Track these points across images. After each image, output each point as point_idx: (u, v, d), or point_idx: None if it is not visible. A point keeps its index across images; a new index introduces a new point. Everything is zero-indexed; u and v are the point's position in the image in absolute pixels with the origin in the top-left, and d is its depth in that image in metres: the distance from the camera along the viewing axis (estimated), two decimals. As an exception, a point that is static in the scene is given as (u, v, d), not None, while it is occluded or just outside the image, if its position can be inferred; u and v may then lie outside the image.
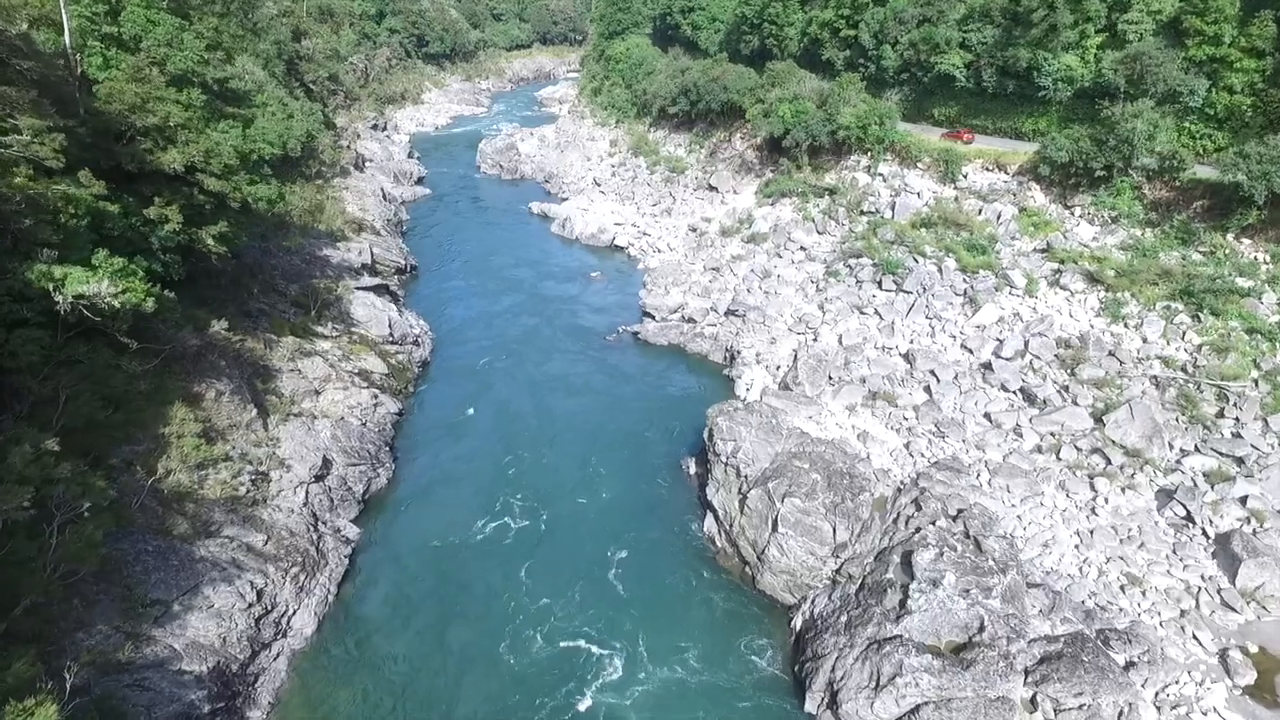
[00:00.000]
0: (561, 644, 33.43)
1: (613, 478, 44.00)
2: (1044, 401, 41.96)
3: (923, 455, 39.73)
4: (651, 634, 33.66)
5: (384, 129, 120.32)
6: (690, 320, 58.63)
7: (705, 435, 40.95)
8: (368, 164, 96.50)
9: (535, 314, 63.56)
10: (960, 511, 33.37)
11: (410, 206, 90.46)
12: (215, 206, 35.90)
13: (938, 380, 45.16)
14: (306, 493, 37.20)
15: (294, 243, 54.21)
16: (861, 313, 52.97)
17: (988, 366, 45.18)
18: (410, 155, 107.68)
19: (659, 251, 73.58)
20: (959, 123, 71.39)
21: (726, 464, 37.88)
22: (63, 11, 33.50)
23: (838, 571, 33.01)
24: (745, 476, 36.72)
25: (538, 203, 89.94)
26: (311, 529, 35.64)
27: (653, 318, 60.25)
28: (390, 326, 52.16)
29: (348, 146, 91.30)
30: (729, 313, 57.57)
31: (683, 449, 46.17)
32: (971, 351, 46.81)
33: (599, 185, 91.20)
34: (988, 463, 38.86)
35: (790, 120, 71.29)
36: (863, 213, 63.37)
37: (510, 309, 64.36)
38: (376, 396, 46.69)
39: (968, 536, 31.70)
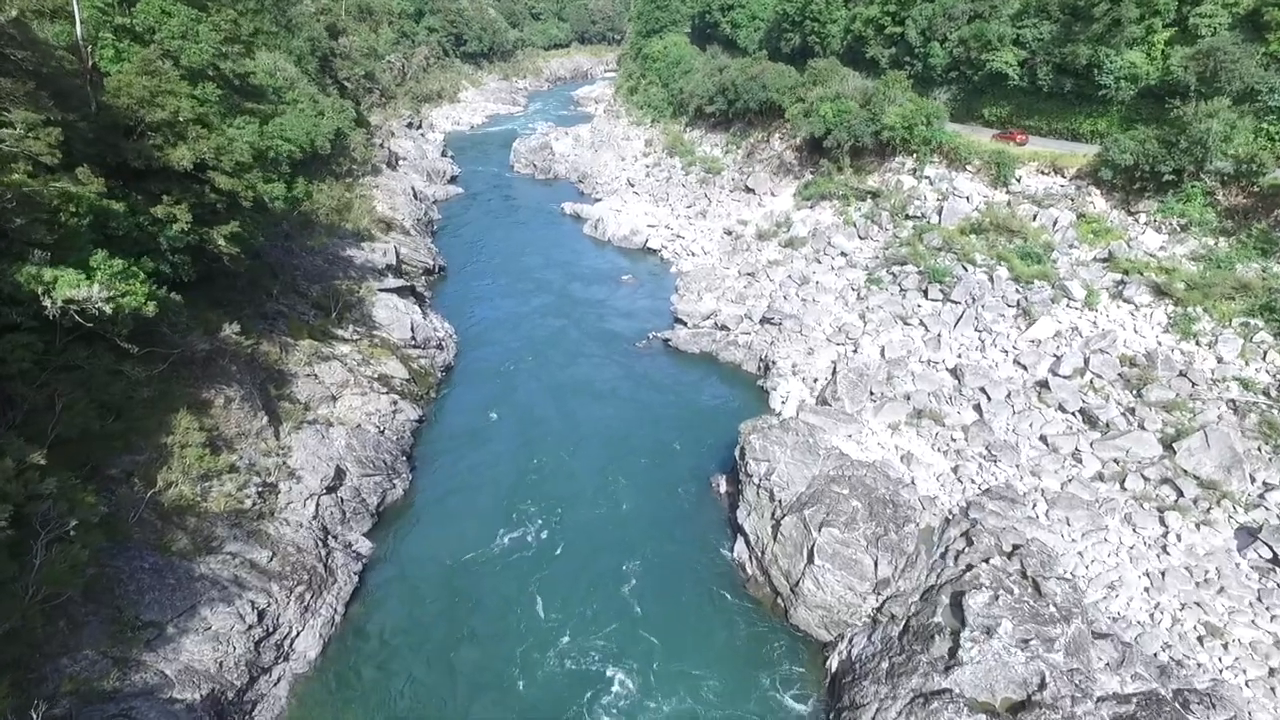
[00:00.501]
0: (574, 668, 31.21)
1: (637, 491, 41.58)
2: (1106, 425, 38.50)
3: (973, 481, 36.59)
4: (670, 660, 31.24)
5: (419, 127, 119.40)
6: (723, 328, 55.95)
7: (737, 453, 38.29)
8: (401, 162, 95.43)
9: (564, 317, 61.40)
10: (1016, 548, 30.27)
11: (442, 205, 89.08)
12: (227, 206, 34.19)
13: (988, 399, 41.90)
14: (317, 505, 35.38)
15: (318, 242, 52.74)
16: (905, 323, 49.78)
17: (1044, 385, 41.78)
18: (444, 154, 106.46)
19: (692, 255, 70.96)
20: (1011, 123, 67.60)
21: (759, 486, 35.19)
22: (74, 2, 32.06)
23: (879, 610, 30.14)
24: (779, 501, 33.99)
25: (570, 203, 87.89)
26: (320, 544, 33.76)
27: (684, 324, 57.67)
28: (413, 330, 50.35)
29: (380, 145, 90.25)
30: (764, 321, 54.75)
31: (712, 464, 43.55)
32: (1025, 368, 43.42)
33: (633, 186, 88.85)
34: (1044, 491, 35.60)
35: (832, 120, 68.18)
36: (907, 217, 60.05)
37: (538, 312, 62.29)
38: (396, 403, 44.83)
39: (1025, 577, 28.63)
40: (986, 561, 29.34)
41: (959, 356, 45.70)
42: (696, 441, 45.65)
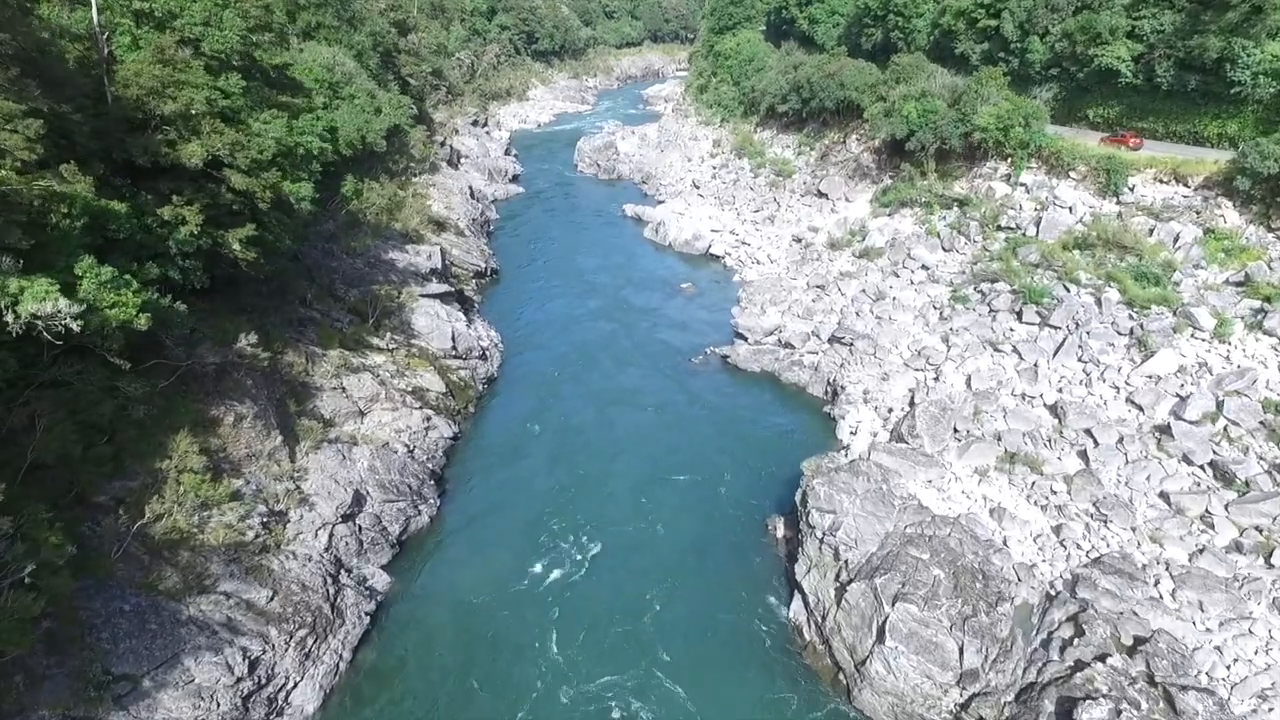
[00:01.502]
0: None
1: (682, 527, 37.10)
2: (1246, 484, 31.96)
3: (1078, 547, 30.66)
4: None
5: (485, 125, 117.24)
6: (788, 345, 50.76)
7: (798, 498, 33.32)
8: (463, 160, 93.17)
9: (617, 327, 57.23)
10: (1139, 642, 24.54)
11: (501, 205, 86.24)
12: (244, 207, 31.12)
13: (1095, 443, 35.71)
14: (330, 536, 32.05)
15: (361, 244, 49.90)
16: (996, 349, 43.67)
17: (1164, 430, 35.32)
18: (507, 152, 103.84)
19: (758, 263, 65.82)
20: (1121, 125, 60.08)
21: (823, 541, 30.17)
22: (89, -16, 29.45)
23: (964, 707, 24.82)
24: (845, 561, 28.93)
25: (632, 205, 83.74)
26: (329, 581, 30.34)
27: (745, 339, 52.70)
28: (454, 339, 46.94)
29: (443, 143, 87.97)
30: (834, 339, 49.33)
31: (768, 502, 38.63)
32: (1141, 409, 36.97)
33: (698, 188, 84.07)
34: (1169, 563, 29.45)
35: (916, 120, 61.93)
36: (999, 228, 53.57)
37: (590, 320, 58.29)
38: (429, 419, 41.43)
39: (1153, 684, 22.93)
40: (1103, 660, 23.71)
41: (1059, 391, 39.47)
42: (752, 473, 40.80)
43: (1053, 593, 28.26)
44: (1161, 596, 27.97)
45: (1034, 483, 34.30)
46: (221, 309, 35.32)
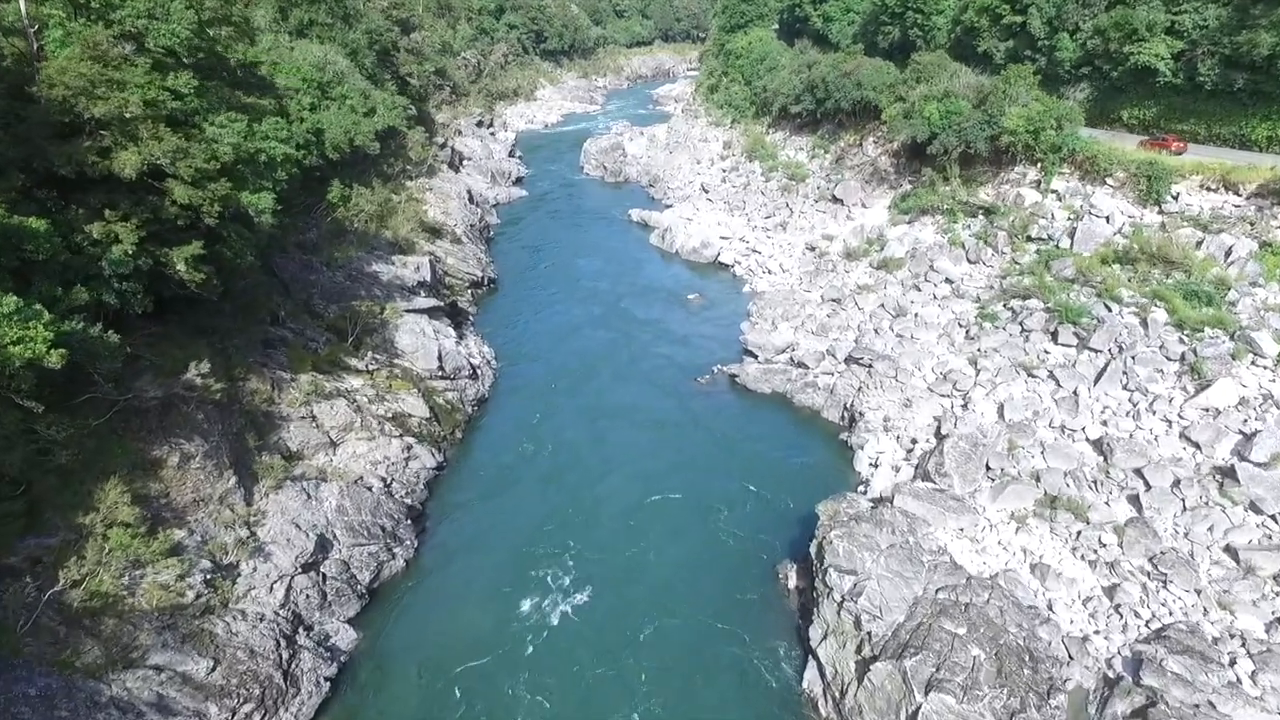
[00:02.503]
0: None
1: (685, 571, 33.16)
2: (1326, 540, 27.71)
3: (1136, 615, 26.46)
4: None
5: (490, 126, 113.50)
6: (801, 365, 46.64)
7: (813, 549, 29.31)
8: (466, 162, 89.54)
9: (618, 342, 53.29)
10: (1221, 747, 20.40)
11: (503, 209, 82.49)
12: (191, 222, 27.39)
13: (1147, 486, 31.48)
14: (288, 590, 28.32)
15: (344, 255, 46.20)
16: (1030, 374, 39.40)
17: (1227, 473, 31.05)
18: (512, 154, 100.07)
19: (769, 273, 61.68)
20: (1160, 127, 55.64)
21: (842, 606, 26.15)
22: (17, -29, 25.82)
23: (1011, 822, 20.78)
24: (869, 634, 24.90)
25: (638, 209, 79.73)
26: (284, 643, 26.59)
27: (755, 357, 48.62)
28: (440, 358, 43.15)
29: (443, 144, 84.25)
30: (850, 360, 45.18)
31: (780, 543, 34.62)
32: (1198, 446, 32.69)
33: (707, 192, 79.96)
34: (1244, 637, 25.26)
35: (939, 122, 57.59)
36: (1030, 239, 49.24)
37: (591, 335, 54.36)
38: (410, 448, 37.66)
39: (1243, 806, 18.80)
40: (1180, 773, 19.60)
41: (1104, 424, 35.20)
42: (761, 510, 36.80)
43: (1112, 675, 24.12)
44: (1240, 680, 23.78)
45: (1079, 533, 30.09)
46: (176, 332, 31.70)
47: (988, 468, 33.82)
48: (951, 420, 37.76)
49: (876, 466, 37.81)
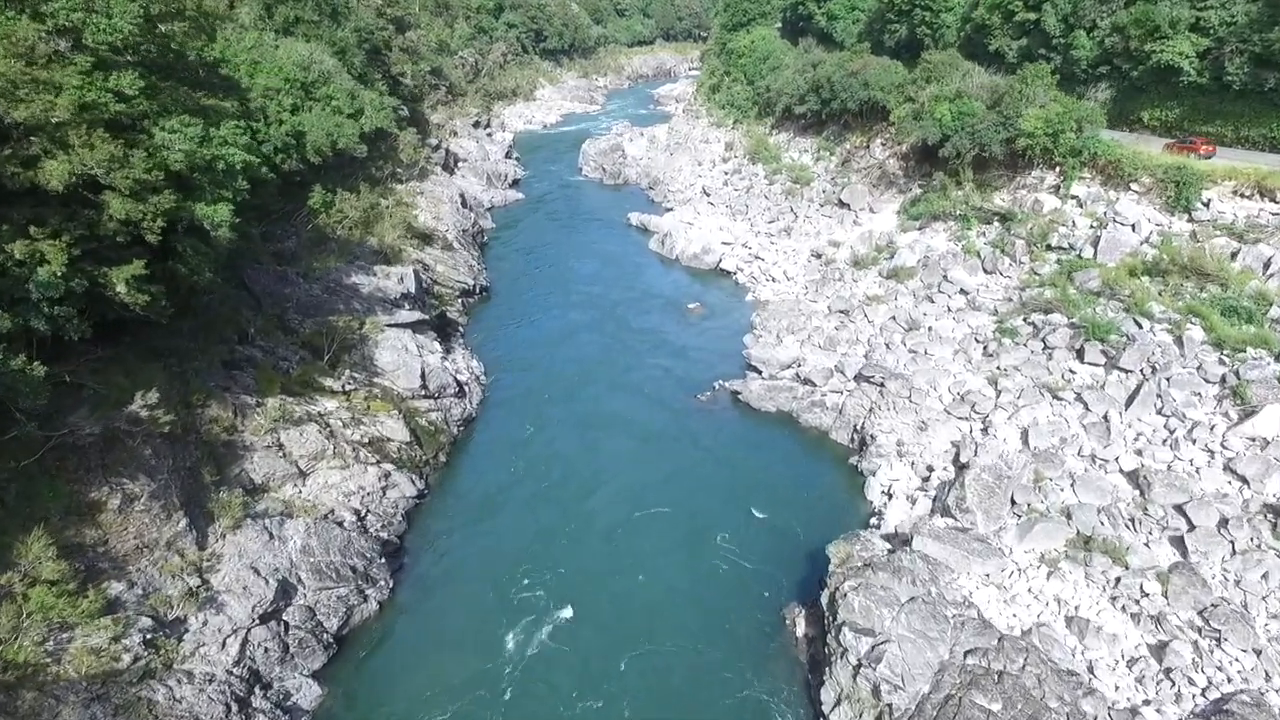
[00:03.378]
0: None
1: (683, 610, 30.39)
2: (1397, 593, 24.61)
3: (1190, 681, 23.38)
4: None
5: (487, 126, 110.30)
6: (808, 382, 43.55)
7: (825, 600, 26.27)
8: (461, 164, 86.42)
9: (615, 355, 50.23)
10: None
11: (499, 212, 79.35)
12: (132, 239, 24.37)
13: (1191, 526, 28.40)
14: (243, 644, 25.31)
15: (323, 265, 43.17)
16: (1055, 397, 36.27)
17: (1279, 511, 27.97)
18: (509, 155, 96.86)
19: (773, 281, 58.57)
20: (1182, 129, 52.41)
21: (858, 670, 23.10)
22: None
23: None
24: (889, 705, 21.85)
25: (637, 213, 76.61)
26: (236, 708, 23.59)
27: (759, 373, 45.54)
28: (424, 376, 40.12)
29: (437, 146, 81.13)
30: (861, 378, 42.07)
31: (785, 582, 31.62)
32: (1245, 480, 29.58)
33: (708, 195, 76.80)
34: (1311, 709, 22.18)
35: (951, 123, 54.41)
36: (1050, 248, 46.08)
37: (586, 348, 51.28)
38: (388, 476, 34.68)
39: None
40: None
41: (1139, 454, 32.07)
42: (767, 541, 33.79)
43: (1167, 758, 21.09)
44: (1312, 764, 20.73)
45: (1118, 579, 27.00)
46: (128, 356, 28.68)
47: (1013, 502, 30.73)
48: (971, 447, 34.65)
49: (890, 496, 34.76)
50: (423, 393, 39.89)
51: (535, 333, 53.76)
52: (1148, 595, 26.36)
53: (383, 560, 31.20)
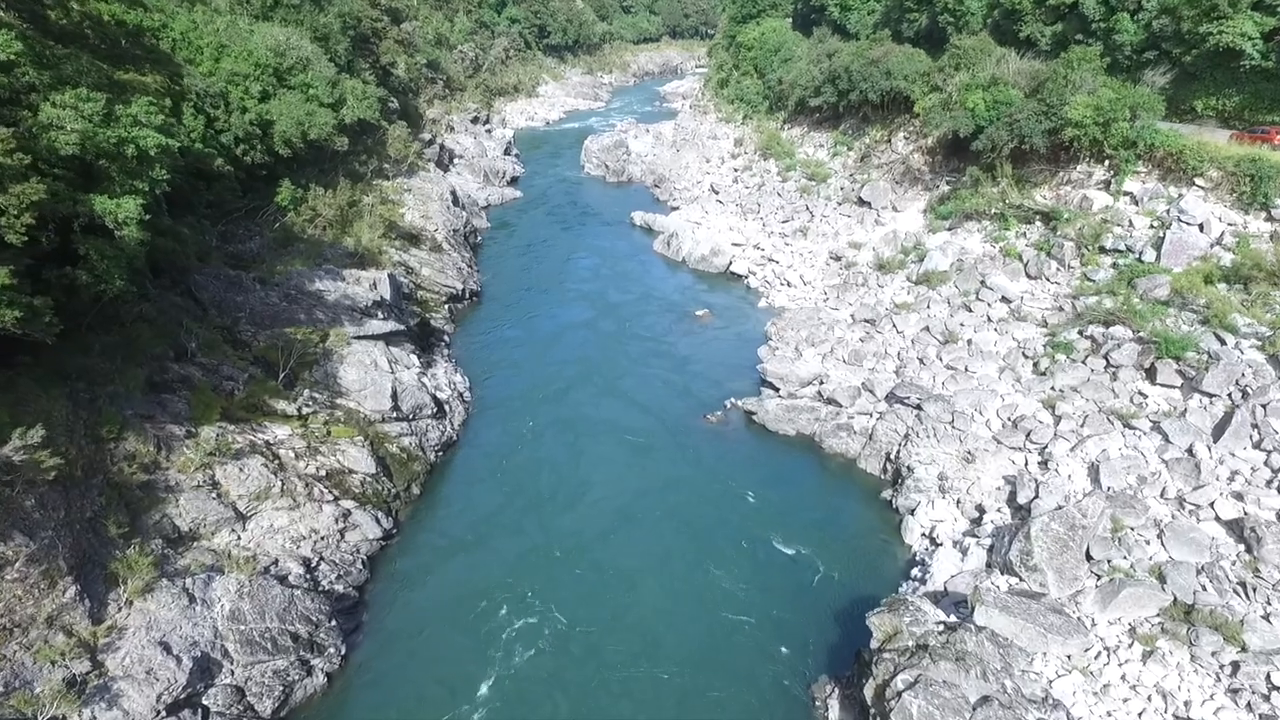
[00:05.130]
0: None
1: (691, 670, 25.14)
2: None
3: (1354, 817, 17.80)
4: None
5: (486, 122, 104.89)
6: (831, 401, 38.02)
7: (868, 694, 20.72)
8: (457, 160, 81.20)
9: (614, 369, 44.74)
10: None
11: (495, 212, 73.98)
12: (-3, 238, 19.01)
13: (1315, 592, 22.77)
14: (142, 745, 19.98)
15: (285, 269, 37.81)
16: (1127, 425, 30.62)
17: None
18: (508, 152, 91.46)
19: (788, 285, 53.03)
20: (1242, 118, 46.60)
21: (919, 800, 17.57)
22: None
23: None
24: None
25: (642, 212, 71.10)
26: (124, 834, 18.27)
27: (775, 390, 40.05)
28: (395, 395, 34.72)
29: (430, 141, 75.85)
30: (893, 398, 36.51)
31: (810, 648, 26.19)
32: (1377, 536, 23.92)
33: (716, 193, 71.23)
34: None
35: (985, 114, 48.82)
36: (1103, 250, 40.38)
37: (582, 360, 45.77)
38: (347, 515, 29.32)
39: None
40: None
41: (1240, 499, 26.42)
42: (789, 595, 28.32)
43: None
44: None
45: (1235, 665, 21.39)
46: (23, 381, 23.40)
47: (1088, 557, 25.13)
48: (1029, 485, 29.04)
49: (934, 542, 29.22)
50: (394, 415, 34.47)
51: (528, 343, 48.30)
52: (1274, 689, 20.73)
53: (333, 624, 25.75)
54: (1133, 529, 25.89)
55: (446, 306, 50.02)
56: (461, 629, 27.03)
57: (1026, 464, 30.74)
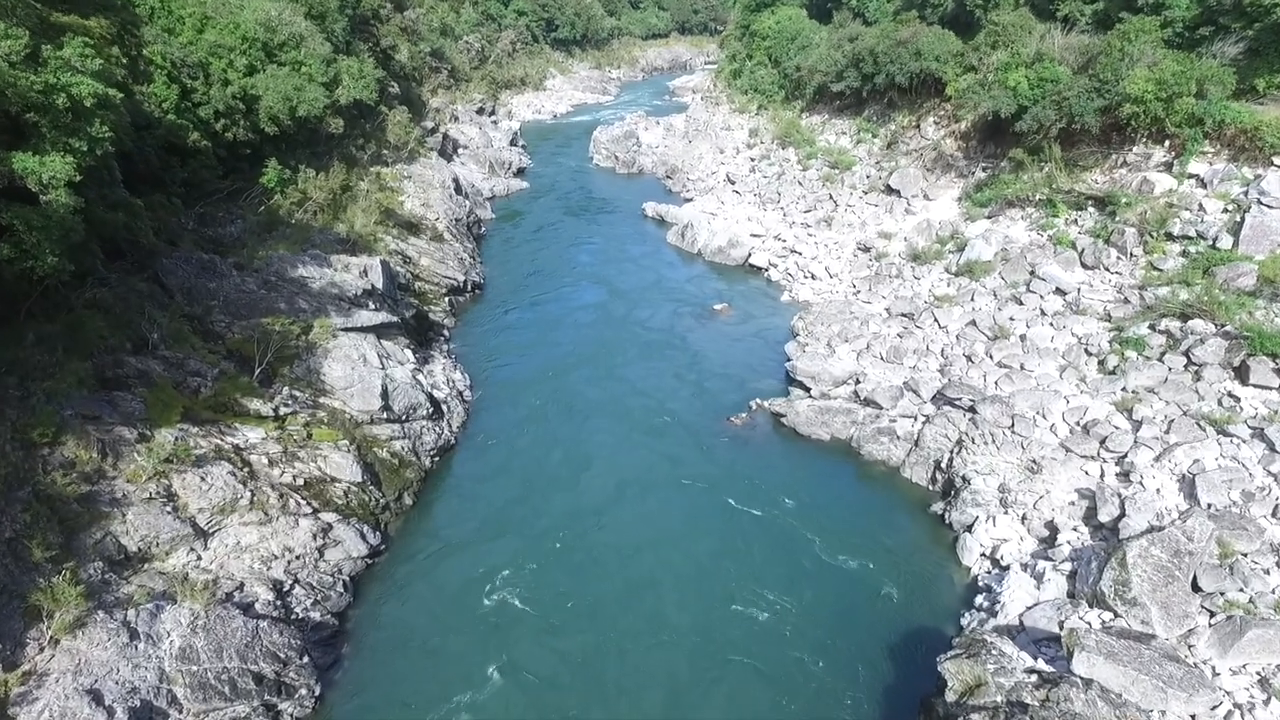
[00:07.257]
0: None
1: (719, 710, 21.14)
2: None
3: None
4: None
5: (491, 114, 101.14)
6: (870, 403, 33.99)
7: (953, 765, 16.72)
8: (461, 150, 77.52)
9: (627, 366, 40.84)
10: None
11: (500, 202, 70.19)
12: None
13: None
14: (58, 823, 16.11)
15: (266, 254, 33.97)
16: (1221, 432, 26.51)
17: None
18: (514, 143, 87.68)
19: (813, 278, 49.02)
20: (1314, 97, 42.31)
21: None
22: None
23: None
24: None
25: (654, 203, 67.17)
26: None
27: (806, 390, 36.07)
28: (386, 394, 30.82)
29: (434, 129, 72.12)
30: (941, 399, 32.46)
31: (861, 684, 22.27)
32: None
33: (733, 183, 67.21)
34: None
35: (1029, 92, 44.73)
36: (1170, 237, 36.25)
37: (593, 356, 41.86)
38: (328, 529, 25.45)
39: None
40: None
41: (1368, 520, 22.33)
42: (830, 619, 24.34)
43: None
44: None
45: (1398, 728, 17.32)
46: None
47: (1196, 588, 21.05)
48: (1112, 501, 24.96)
49: (997, 564, 25.21)
50: (384, 416, 30.57)
51: (534, 338, 44.39)
52: None
53: (305, 660, 21.81)
54: (1244, 555, 21.79)
55: (447, 299, 46.17)
56: (456, 664, 23.20)
57: (1103, 475, 26.66)
